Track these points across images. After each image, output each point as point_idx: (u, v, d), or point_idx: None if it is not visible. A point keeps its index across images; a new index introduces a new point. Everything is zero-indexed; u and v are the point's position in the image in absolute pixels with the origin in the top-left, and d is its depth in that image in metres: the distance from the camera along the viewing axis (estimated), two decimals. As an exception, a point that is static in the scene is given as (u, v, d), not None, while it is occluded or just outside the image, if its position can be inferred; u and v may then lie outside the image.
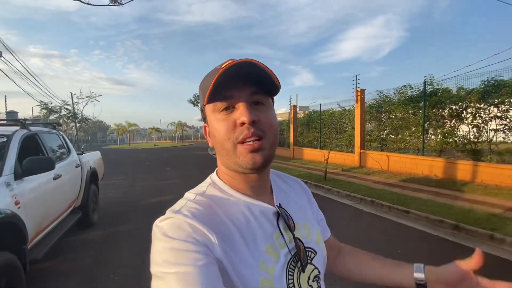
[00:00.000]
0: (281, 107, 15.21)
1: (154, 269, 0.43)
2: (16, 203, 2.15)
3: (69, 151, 3.91)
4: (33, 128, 3.14)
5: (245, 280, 0.46)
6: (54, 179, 3.02)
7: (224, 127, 0.50)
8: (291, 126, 14.51)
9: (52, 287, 2.62)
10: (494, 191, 5.63)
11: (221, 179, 0.57)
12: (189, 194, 0.55)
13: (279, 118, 16.40)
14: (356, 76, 10.10)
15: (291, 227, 0.55)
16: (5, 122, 3.37)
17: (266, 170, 0.57)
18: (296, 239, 0.54)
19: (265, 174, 0.58)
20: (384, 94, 9.78)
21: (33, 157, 2.48)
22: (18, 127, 2.90)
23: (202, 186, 0.57)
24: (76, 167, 3.89)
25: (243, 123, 0.48)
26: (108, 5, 5.28)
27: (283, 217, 0.55)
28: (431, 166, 7.50)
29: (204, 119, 0.57)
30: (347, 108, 11.32)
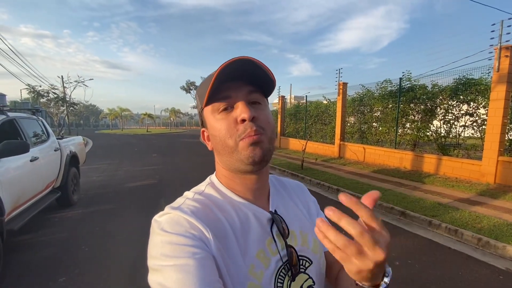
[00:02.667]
0: (275, 98, 15.44)
1: (151, 262, 0.45)
2: (-7, 180, 2.46)
3: (48, 136, 4.18)
4: (11, 114, 3.40)
5: (234, 282, 0.47)
6: (31, 161, 3.31)
7: (224, 125, 0.51)
8: (279, 116, 14.81)
9: (27, 256, 2.96)
10: (452, 183, 6.08)
11: (219, 181, 0.58)
12: (188, 193, 0.56)
13: (273, 108, 16.58)
14: (339, 69, 10.38)
15: (284, 234, 0.55)
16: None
17: (264, 172, 0.57)
18: (288, 246, 0.54)
19: (263, 176, 0.58)
20: (366, 88, 10.09)
21: (8, 140, 2.77)
22: (-4, 113, 3.16)
23: (201, 186, 0.59)
24: (55, 150, 4.17)
25: (243, 120, 0.49)
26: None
27: (276, 223, 0.55)
28: (401, 158, 7.94)
29: (202, 123, 0.57)
30: (332, 100, 11.63)
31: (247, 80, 0.51)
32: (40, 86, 17.72)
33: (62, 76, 19.51)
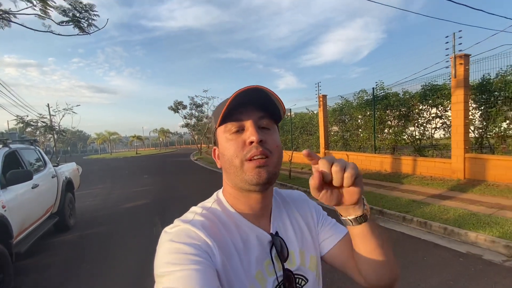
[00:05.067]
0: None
1: (157, 270, 0.47)
2: (3, 206, 2.74)
3: (45, 164, 4.44)
4: (13, 146, 3.69)
5: None
6: (33, 188, 3.57)
7: (233, 146, 0.54)
8: (266, 130, 15.27)
9: (34, 277, 3.18)
10: (427, 181, 6.56)
11: (225, 199, 0.61)
12: (196, 208, 0.59)
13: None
14: (318, 83, 11.03)
15: (282, 258, 0.58)
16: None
17: (269, 192, 0.60)
18: (285, 270, 0.57)
19: (267, 196, 0.60)
20: (345, 99, 10.73)
21: (15, 170, 3.05)
22: (0, 146, 3.45)
23: (208, 202, 0.61)
24: (52, 177, 4.42)
25: (251, 142, 0.53)
26: (77, 34, 5.88)
27: (276, 246, 0.58)
28: (382, 162, 8.45)
29: (214, 142, 0.61)
30: (315, 112, 12.23)
31: (259, 106, 0.56)
32: (27, 116, 17.76)
33: (48, 104, 19.65)
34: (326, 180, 0.48)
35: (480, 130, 6.95)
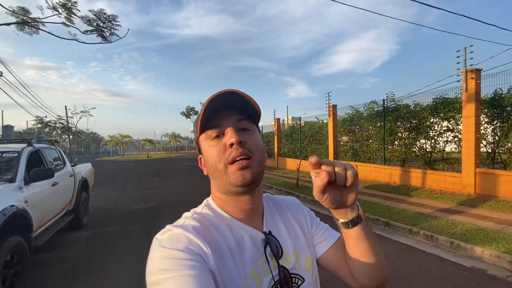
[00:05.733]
0: (272, 120, 16.28)
1: (149, 278, 0.47)
2: (26, 201, 2.94)
3: (64, 163, 4.68)
4: (36, 145, 3.94)
5: None
6: (52, 185, 3.79)
7: (215, 151, 0.55)
8: (275, 137, 15.41)
9: (48, 270, 3.36)
10: (437, 195, 6.49)
11: (215, 203, 0.61)
12: (187, 213, 0.60)
13: (271, 129, 17.23)
14: (329, 93, 11.12)
15: (277, 255, 0.57)
16: (17, 139, 4.17)
17: (257, 193, 0.60)
18: (280, 267, 0.57)
19: (256, 197, 0.61)
20: (355, 109, 10.76)
21: (37, 168, 3.27)
22: (25, 145, 3.70)
23: (198, 208, 0.62)
24: (70, 176, 4.66)
25: (232, 144, 0.54)
26: (100, 43, 6.25)
27: (270, 244, 0.58)
28: (391, 174, 8.39)
29: (199, 150, 0.62)
30: (325, 121, 12.27)
31: (236, 109, 0.57)
32: (46, 117, 18.54)
33: (66, 106, 20.46)
34: (331, 179, 0.48)
35: (492, 145, 6.86)
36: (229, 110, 0.57)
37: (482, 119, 6.49)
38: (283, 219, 0.67)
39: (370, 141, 10.04)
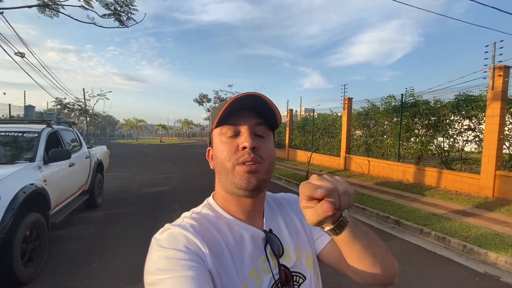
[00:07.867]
0: (284, 111, 16.07)
1: (147, 278, 0.46)
2: (44, 180, 3.06)
3: (81, 145, 4.82)
4: (55, 127, 4.06)
5: None
6: (70, 166, 3.91)
7: (227, 149, 0.55)
8: (287, 129, 15.28)
9: (63, 247, 3.51)
10: (451, 196, 6.30)
11: (216, 202, 0.61)
12: (186, 213, 0.60)
13: (283, 120, 17.10)
14: (345, 85, 10.83)
15: (277, 254, 0.57)
16: (37, 120, 4.31)
17: (260, 196, 0.60)
18: (281, 266, 0.56)
19: (258, 200, 0.60)
20: (371, 103, 10.47)
21: (56, 149, 3.37)
22: (44, 125, 3.82)
23: (198, 208, 0.62)
24: (86, 158, 4.79)
25: (244, 148, 0.53)
26: (117, 27, 6.28)
27: (270, 242, 0.57)
28: (404, 171, 8.19)
29: (209, 142, 0.62)
30: (339, 114, 12.02)
31: (256, 112, 0.57)
32: (65, 99, 19.08)
33: (84, 89, 20.94)
34: (335, 207, 0.43)
35: (516, 147, 6.54)
36: (250, 111, 0.57)
37: (507, 119, 6.17)
38: (284, 216, 0.66)
39: (385, 136, 9.79)
